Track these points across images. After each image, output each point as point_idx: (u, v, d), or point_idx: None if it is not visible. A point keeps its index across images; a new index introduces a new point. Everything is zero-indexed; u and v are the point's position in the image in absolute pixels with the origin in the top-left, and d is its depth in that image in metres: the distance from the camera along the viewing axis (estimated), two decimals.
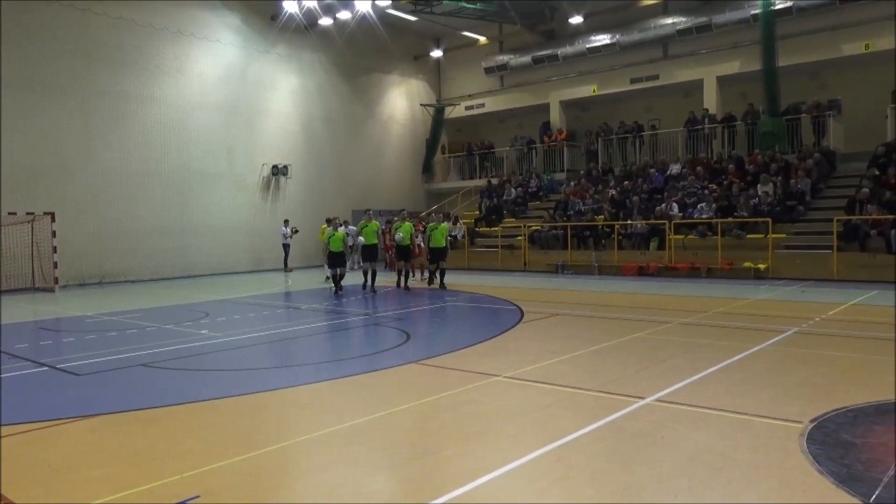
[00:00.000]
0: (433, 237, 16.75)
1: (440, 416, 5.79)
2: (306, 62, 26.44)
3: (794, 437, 4.85)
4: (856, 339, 8.86)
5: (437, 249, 16.84)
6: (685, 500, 3.90)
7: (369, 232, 16.26)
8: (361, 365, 8.11)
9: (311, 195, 26.09)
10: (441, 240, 16.84)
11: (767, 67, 20.71)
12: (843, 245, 16.39)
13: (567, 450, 4.75)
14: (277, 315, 12.85)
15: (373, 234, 16.24)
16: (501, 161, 29.45)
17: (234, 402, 6.42)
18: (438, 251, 16.88)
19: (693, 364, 7.37)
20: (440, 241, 16.84)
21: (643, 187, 21.89)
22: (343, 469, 4.54)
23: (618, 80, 25.45)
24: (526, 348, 8.65)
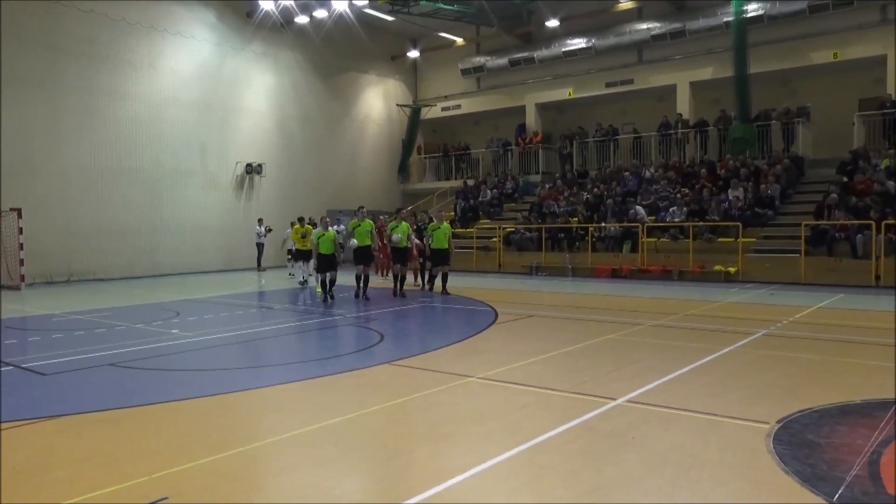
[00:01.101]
0: (435, 238, 15.45)
1: (412, 417, 5.78)
2: (282, 60, 26.26)
3: (762, 437, 4.92)
4: (822, 342, 9.01)
5: (440, 252, 15.48)
6: (655, 499, 3.94)
7: (362, 232, 14.46)
8: (334, 366, 8.06)
9: (286, 194, 25.91)
10: (444, 241, 15.45)
11: (739, 74, 21.04)
12: (811, 249, 16.70)
13: (539, 450, 4.76)
14: (250, 315, 12.71)
15: (366, 234, 14.47)
16: (477, 162, 29.54)
17: (205, 403, 6.34)
18: (441, 254, 15.51)
19: (664, 365, 7.45)
20: (443, 243, 15.43)
21: (617, 190, 22.08)
22: (313, 470, 4.50)
23: (593, 83, 25.68)
24: (499, 349, 8.66)
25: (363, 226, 14.51)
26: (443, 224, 15.75)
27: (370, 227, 14.57)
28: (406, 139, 30.95)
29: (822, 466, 4.31)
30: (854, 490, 3.92)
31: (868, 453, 4.55)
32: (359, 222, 14.53)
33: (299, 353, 9.32)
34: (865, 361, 7.74)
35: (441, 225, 15.68)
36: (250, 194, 25.24)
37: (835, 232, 16.58)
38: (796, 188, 19.87)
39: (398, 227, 15.44)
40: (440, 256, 15.54)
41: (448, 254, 15.63)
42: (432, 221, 16.34)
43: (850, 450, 4.61)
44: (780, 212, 18.89)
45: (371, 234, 14.52)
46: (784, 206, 19.14)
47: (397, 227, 15.40)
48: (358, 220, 14.61)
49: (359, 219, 14.61)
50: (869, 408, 5.66)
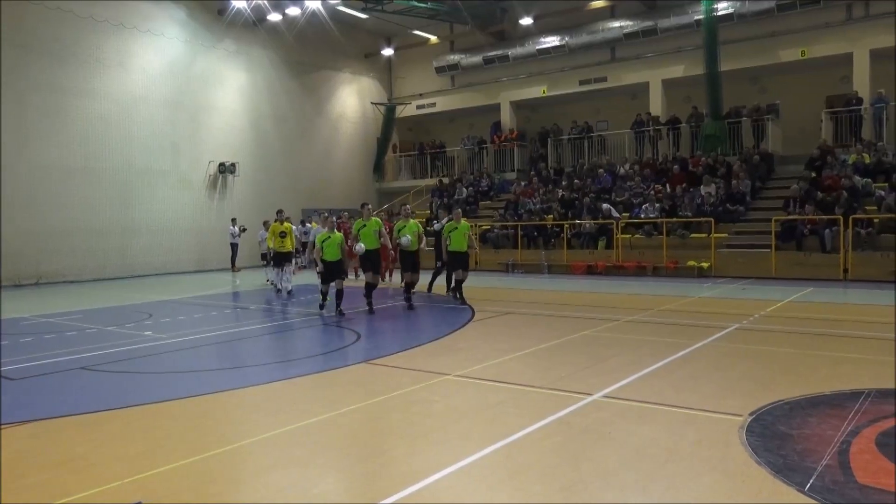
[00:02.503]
0: (452, 239, 13.13)
1: (390, 415, 5.76)
2: (255, 58, 26.01)
3: (735, 429, 4.99)
4: (793, 335, 9.14)
5: (458, 255, 13.17)
6: (632, 493, 3.98)
7: (369, 233, 12.15)
8: (310, 365, 8.02)
9: (260, 193, 25.67)
10: (462, 242, 13.18)
11: (710, 72, 21.31)
12: (781, 244, 16.98)
13: (516, 447, 4.78)
14: (224, 315, 12.57)
15: (374, 235, 12.17)
16: (452, 160, 29.55)
17: (180, 405, 6.26)
18: (459, 257, 13.19)
19: (639, 360, 7.51)
20: (461, 244, 13.16)
21: (591, 187, 22.24)
22: (291, 471, 4.47)
23: (567, 81, 25.84)
24: (476, 347, 8.66)
25: (369, 225, 12.24)
26: (461, 223, 13.37)
27: (378, 225, 12.34)
28: (381, 137, 30.87)
29: (794, 457, 4.37)
30: (825, 479, 3.99)
31: (838, 443, 4.62)
32: (364, 222, 12.29)
33: (275, 353, 9.25)
34: (835, 354, 7.87)
35: (459, 224, 13.30)
36: (223, 194, 24.99)
37: (804, 227, 16.87)
38: (766, 184, 20.18)
39: (406, 226, 13.05)
40: (459, 260, 13.19)
41: (467, 257, 13.45)
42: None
43: (821, 440, 4.69)
44: (751, 207, 19.19)
45: (379, 233, 12.31)
46: (755, 201, 19.44)
47: (405, 227, 13.01)
48: (363, 219, 12.41)
49: (364, 218, 12.42)
50: (839, 399, 5.75)
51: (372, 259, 12.22)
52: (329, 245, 11.74)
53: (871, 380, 6.44)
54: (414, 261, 13.19)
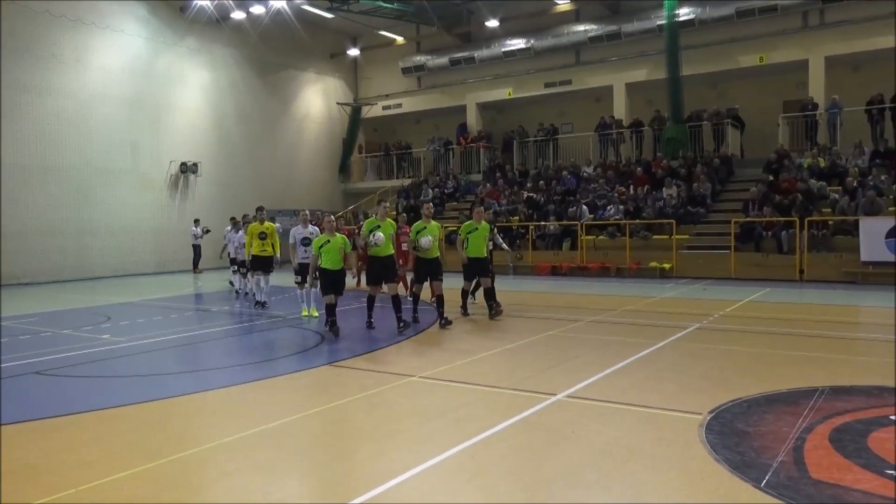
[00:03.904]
0: (470, 243, 11.23)
1: (354, 417, 5.74)
2: (218, 56, 25.61)
3: (694, 427, 5.07)
4: (751, 334, 9.33)
5: (478, 261, 11.29)
6: (594, 492, 4.03)
7: (384, 232, 10.16)
8: (273, 368, 7.93)
9: (223, 194, 25.26)
10: (482, 246, 11.31)
11: (672, 76, 21.65)
12: (740, 246, 17.32)
13: (481, 447, 4.80)
14: (185, 318, 12.37)
15: (389, 239, 10.28)
16: (419, 161, 29.49)
17: (138, 410, 6.13)
18: (479, 263, 11.32)
19: (602, 360, 7.57)
20: (481, 249, 11.30)
21: (556, 189, 22.42)
22: (253, 475, 4.40)
23: (532, 83, 26.01)
24: (441, 348, 8.66)
25: (384, 227, 10.16)
26: (482, 223, 11.37)
27: (393, 229, 10.51)
28: (347, 138, 30.66)
29: (751, 454, 4.45)
30: (780, 476, 4.07)
31: (793, 440, 4.73)
32: (377, 222, 10.20)
33: (237, 356, 9.10)
34: (791, 352, 8.04)
35: (479, 225, 11.31)
36: (185, 194, 24.54)
37: (762, 229, 17.24)
38: (726, 187, 20.58)
39: (427, 227, 10.63)
40: (477, 267, 11.36)
41: (488, 264, 11.64)
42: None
43: (777, 437, 4.78)
44: (712, 210, 19.53)
45: (394, 238, 10.59)
46: (715, 204, 19.80)
47: (426, 229, 10.60)
48: (377, 218, 10.36)
49: (378, 217, 10.38)
50: (794, 396, 5.88)
51: (388, 267, 10.18)
52: (329, 251, 9.67)
53: (825, 377, 6.59)
54: (431, 269, 10.61)
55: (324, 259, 9.72)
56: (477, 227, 11.31)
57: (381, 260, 10.08)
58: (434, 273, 10.62)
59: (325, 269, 9.73)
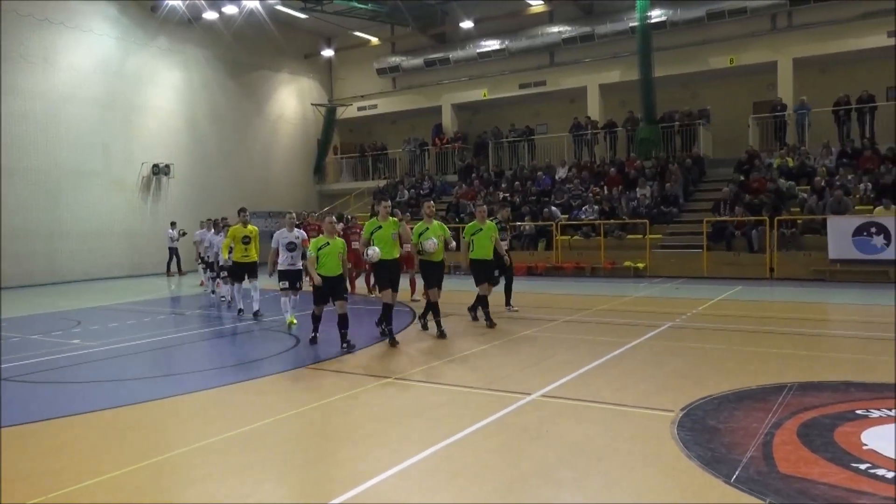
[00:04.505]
0: (476, 244, 10.50)
1: (330, 420, 5.72)
2: (190, 57, 25.30)
3: (667, 425, 5.13)
4: (722, 332, 9.48)
5: (483, 263, 10.50)
6: (569, 490, 4.07)
7: (386, 237, 9.05)
8: (248, 371, 7.88)
9: (197, 196, 24.95)
10: (488, 248, 10.53)
11: (644, 77, 21.86)
12: (712, 245, 17.55)
13: (456, 448, 4.82)
14: (158, 322, 12.23)
15: (392, 240, 9.15)
16: (394, 162, 29.40)
17: (110, 415, 6.06)
18: (485, 266, 10.51)
19: (577, 359, 7.62)
20: (487, 251, 10.51)
21: (532, 190, 22.53)
22: (228, 479, 4.38)
23: (507, 84, 26.08)
24: (417, 349, 8.64)
25: (386, 227, 9.08)
26: (487, 223, 10.64)
27: (396, 228, 9.23)
28: (321, 139, 30.44)
29: (721, 450, 4.52)
30: (749, 471, 4.15)
31: (762, 435, 4.81)
32: (379, 222, 9.14)
33: (212, 359, 9.02)
34: (761, 349, 8.18)
35: (483, 225, 10.55)
36: (157, 196, 24.20)
37: (733, 228, 17.49)
38: (698, 187, 20.83)
39: (430, 228, 9.73)
40: (485, 270, 10.51)
41: (493, 267, 10.75)
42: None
43: (746, 433, 4.86)
44: (684, 209, 19.76)
45: (399, 237, 9.33)
46: (687, 203, 20.03)
47: (429, 230, 9.69)
48: (378, 219, 9.24)
49: (379, 217, 9.24)
50: (763, 392, 5.98)
51: (392, 271, 9.22)
52: (327, 255, 8.72)
53: (794, 374, 6.70)
54: (440, 272, 9.76)
55: (321, 264, 8.69)
56: (481, 227, 10.56)
57: (387, 264, 9.07)
58: (439, 276, 9.71)
59: (323, 274, 8.71)
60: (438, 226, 9.93)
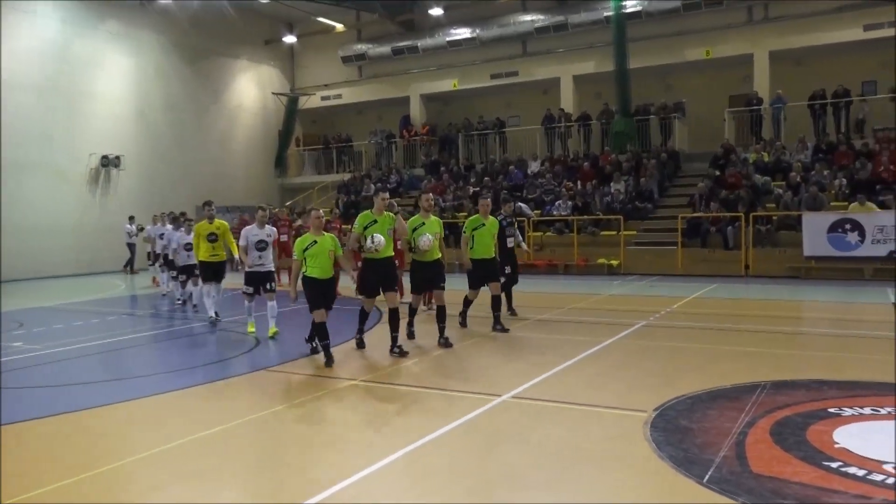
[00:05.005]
0: (476, 241, 9.54)
1: (291, 424, 5.57)
2: (143, 42, 24.19)
3: (640, 425, 5.07)
4: (696, 331, 9.40)
5: (485, 263, 9.56)
6: (540, 494, 4.01)
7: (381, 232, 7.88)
8: (205, 374, 7.57)
9: (150, 188, 23.79)
10: (490, 245, 9.64)
11: (619, 68, 21.50)
12: (687, 241, 17.27)
13: (424, 451, 4.74)
14: (108, 323, 11.53)
15: (388, 236, 8.04)
16: (360, 155, 28.64)
17: (55, 422, 5.71)
18: (486, 266, 9.57)
19: (548, 359, 7.49)
20: (489, 249, 9.63)
21: (503, 184, 22.01)
22: (183, 486, 4.23)
23: (478, 75, 25.57)
24: (383, 351, 8.16)
25: (382, 222, 7.97)
26: (489, 219, 9.70)
27: (392, 223, 8.07)
28: (283, 130, 29.49)
29: (694, 450, 4.52)
30: (722, 471, 4.14)
31: (735, 435, 4.79)
32: (373, 216, 7.98)
33: (165, 363, 8.57)
34: (735, 348, 8.14)
35: (486, 220, 9.63)
36: (107, 189, 23.07)
37: (708, 224, 17.21)
38: (673, 182, 20.56)
39: (426, 224, 8.60)
40: (486, 270, 9.59)
41: (495, 266, 9.83)
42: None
43: (719, 433, 4.85)
44: (659, 205, 19.48)
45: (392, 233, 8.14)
46: (662, 199, 19.76)
47: (424, 226, 8.55)
48: (372, 212, 8.05)
49: (374, 211, 8.04)
50: (736, 392, 5.95)
51: (389, 271, 8.13)
52: (317, 255, 7.66)
53: (767, 372, 6.63)
54: (431, 275, 8.70)
55: (310, 265, 7.66)
56: (484, 222, 9.53)
57: (378, 263, 7.95)
58: (435, 279, 8.67)
59: (313, 277, 7.66)
60: (436, 221, 8.80)
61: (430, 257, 8.54)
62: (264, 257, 9.52)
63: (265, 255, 9.52)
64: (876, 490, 3.78)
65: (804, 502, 3.68)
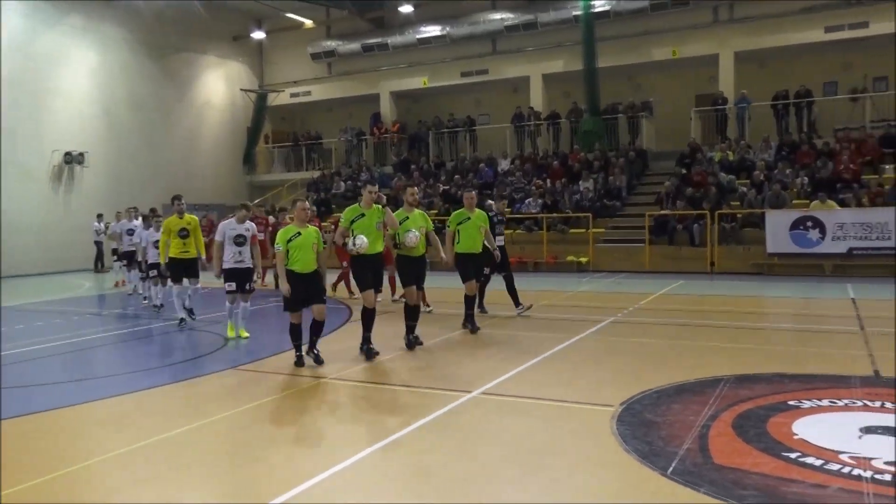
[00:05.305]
0: (462, 235, 9.31)
1: (261, 423, 5.52)
2: (107, 37, 23.69)
3: (606, 419, 5.11)
4: (663, 326, 9.51)
5: (470, 258, 9.36)
6: (509, 489, 4.03)
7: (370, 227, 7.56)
8: (173, 373, 7.45)
9: (115, 186, 23.28)
10: (476, 239, 9.38)
11: (588, 67, 21.65)
12: (654, 239, 17.50)
13: (394, 448, 4.73)
14: (72, 323, 11.30)
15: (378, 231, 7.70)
16: (330, 152, 28.43)
17: (17, 424, 5.56)
18: (473, 261, 9.40)
19: (518, 356, 7.50)
20: (475, 243, 9.38)
21: (473, 182, 22.04)
22: (149, 487, 4.17)
23: (448, 72, 25.57)
24: (354, 348, 8.03)
25: (370, 215, 7.57)
26: (474, 212, 9.42)
27: (381, 216, 7.65)
28: (251, 127, 29.15)
29: (659, 443, 4.60)
30: (685, 463, 4.22)
31: (698, 428, 4.87)
32: (361, 210, 7.59)
33: (131, 362, 8.39)
34: (701, 343, 8.27)
35: (471, 214, 9.38)
36: (71, 186, 22.60)
37: (675, 222, 17.44)
38: (641, 180, 20.78)
39: (410, 218, 8.27)
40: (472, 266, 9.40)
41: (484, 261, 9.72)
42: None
43: (683, 426, 4.92)
44: (627, 203, 19.68)
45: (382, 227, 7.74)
46: (630, 197, 19.96)
47: (409, 220, 8.21)
48: (360, 205, 7.66)
49: (362, 203, 7.65)
50: (701, 386, 6.05)
51: (376, 268, 7.70)
52: (301, 247, 7.22)
53: (730, 367, 6.74)
54: (420, 269, 8.32)
55: (291, 258, 7.21)
56: (469, 215, 9.30)
57: (371, 259, 7.55)
58: (420, 276, 8.32)
59: (293, 271, 7.22)
60: (420, 215, 8.44)
61: (417, 252, 8.24)
62: (244, 253, 9.03)
63: (244, 250, 9.02)
64: (832, 479, 3.89)
65: (763, 492, 3.75)
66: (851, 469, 4.02)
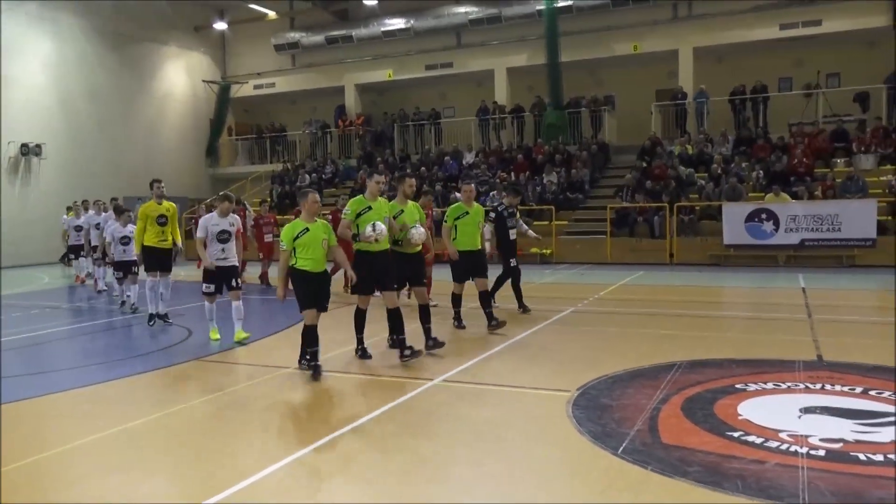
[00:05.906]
0: (459, 231, 8.83)
1: (220, 413, 5.47)
2: (64, 26, 23.17)
3: (562, 404, 5.26)
4: (621, 315, 9.79)
5: (471, 255, 8.85)
6: (464, 468, 4.19)
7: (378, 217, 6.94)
8: (134, 366, 7.32)
9: (74, 179, 22.77)
10: (475, 236, 8.94)
11: (551, 61, 21.86)
12: (616, 231, 17.81)
13: (355, 434, 4.80)
14: (31, 316, 11.08)
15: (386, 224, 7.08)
16: (294, 145, 28.24)
17: None
18: (472, 258, 8.87)
19: (479, 345, 7.66)
20: (474, 240, 8.92)
21: (438, 175, 22.14)
22: (108, 478, 4.14)
23: (413, 65, 25.58)
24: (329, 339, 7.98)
25: (378, 208, 6.99)
26: (472, 206, 8.95)
27: (388, 210, 7.16)
28: (214, 119, 28.79)
29: (612, 425, 4.77)
30: (635, 443, 4.41)
31: (650, 410, 5.06)
32: (368, 202, 7.01)
33: (91, 355, 8.27)
34: (657, 331, 8.42)
35: (469, 208, 8.89)
36: (27, 179, 22.10)
37: (636, 214, 17.77)
38: (603, 173, 21.09)
39: (405, 212, 7.49)
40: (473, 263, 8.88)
41: (481, 259, 9.08)
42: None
43: (636, 409, 5.10)
44: (589, 196, 19.96)
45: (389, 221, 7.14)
46: (593, 189, 20.25)
47: (403, 213, 7.45)
48: (365, 196, 7.13)
49: (367, 195, 7.14)
50: (654, 371, 6.23)
51: (386, 267, 7.16)
52: (310, 244, 6.51)
53: (684, 353, 6.94)
54: (419, 266, 7.73)
55: (300, 256, 6.50)
56: (467, 210, 8.77)
57: (373, 257, 7.03)
58: (419, 274, 7.69)
59: (304, 270, 6.53)
60: (415, 207, 7.73)
61: (414, 249, 7.61)
62: (227, 250, 8.28)
63: (228, 247, 8.28)
64: (771, 455, 4.12)
65: (707, 468, 3.95)
66: (789, 446, 4.25)
